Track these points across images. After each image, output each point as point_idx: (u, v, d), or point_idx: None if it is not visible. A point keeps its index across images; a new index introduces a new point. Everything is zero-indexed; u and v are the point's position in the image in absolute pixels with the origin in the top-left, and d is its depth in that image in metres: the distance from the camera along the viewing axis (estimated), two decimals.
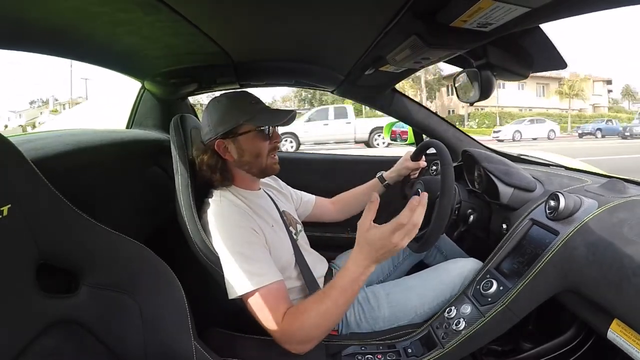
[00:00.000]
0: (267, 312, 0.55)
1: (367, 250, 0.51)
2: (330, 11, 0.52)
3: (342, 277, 0.54)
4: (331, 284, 0.55)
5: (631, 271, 0.44)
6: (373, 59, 0.73)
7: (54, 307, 0.42)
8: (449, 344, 0.59)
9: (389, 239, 0.49)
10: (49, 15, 0.48)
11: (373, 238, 0.50)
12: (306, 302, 0.56)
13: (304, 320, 0.54)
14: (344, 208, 0.94)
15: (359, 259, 0.52)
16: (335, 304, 0.53)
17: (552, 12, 0.42)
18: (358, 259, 0.52)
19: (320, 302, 0.54)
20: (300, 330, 0.54)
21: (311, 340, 0.55)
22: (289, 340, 0.55)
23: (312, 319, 0.53)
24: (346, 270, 0.53)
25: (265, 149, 0.66)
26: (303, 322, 0.54)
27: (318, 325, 0.54)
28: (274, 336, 0.55)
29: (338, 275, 0.55)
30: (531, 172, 0.81)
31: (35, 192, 0.42)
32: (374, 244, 0.50)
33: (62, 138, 0.62)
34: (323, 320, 0.54)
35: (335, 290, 0.53)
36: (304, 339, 0.54)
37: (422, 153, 0.89)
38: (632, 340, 0.44)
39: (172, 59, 0.77)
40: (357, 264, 0.52)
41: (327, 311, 0.53)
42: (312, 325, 0.54)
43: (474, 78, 0.67)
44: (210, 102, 0.67)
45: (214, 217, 0.61)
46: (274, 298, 0.56)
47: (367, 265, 0.52)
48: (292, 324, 0.54)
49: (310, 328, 0.54)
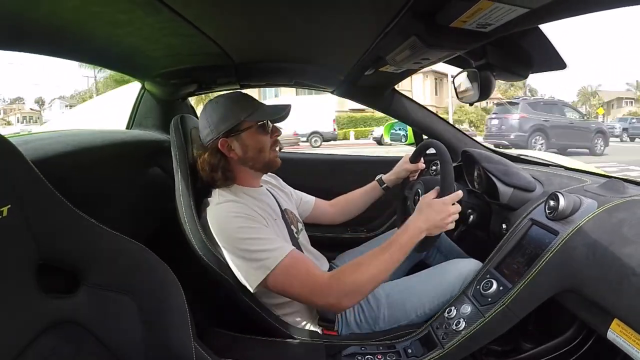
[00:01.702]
0: (303, 275, 0.56)
1: (426, 214, 0.61)
2: (330, 12, 0.52)
3: (401, 234, 0.60)
4: (389, 243, 0.59)
5: (631, 271, 0.44)
6: (373, 59, 0.73)
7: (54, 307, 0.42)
8: (449, 344, 0.59)
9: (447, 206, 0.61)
10: (49, 15, 0.48)
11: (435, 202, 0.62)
12: (363, 257, 0.58)
13: (359, 273, 0.56)
14: (342, 210, 0.94)
15: (419, 220, 0.61)
16: (391, 258, 0.58)
17: (551, 13, 0.42)
18: (418, 220, 0.61)
19: (377, 256, 0.58)
20: (354, 284, 0.56)
21: (363, 293, 0.57)
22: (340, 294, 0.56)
23: (368, 271, 0.56)
24: (406, 229, 0.60)
25: (267, 143, 0.68)
26: (358, 275, 0.56)
27: (374, 278, 0.57)
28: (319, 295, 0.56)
29: (396, 234, 0.60)
30: (531, 172, 0.81)
31: (35, 192, 0.42)
32: (434, 206, 0.61)
33: (62, 138, 0.62)
34: (380, 274, 0.57)
35: (393, 245, 0.59)
36: (358, 290, 0.56)
37: (420, 155, 0.89)
38: (632, 340, 0.44)
39: (172, 59, 0.77)
40: (416, 224, 0.60)
41: (383, 264, 0.57)
42: (370, 277, 0.56)
43: (474, 78, 0.67)
44: (207, 103, 0.68)
45: (213, 216, 0.61)
46: (302, 261, 0.58)
47: (422, 229, 0.60)
48: (347, 277, 0.56)
49: (367, 280, 0.56)
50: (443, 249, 0.93)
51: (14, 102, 30.53)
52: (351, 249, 0.90)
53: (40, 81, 44.01)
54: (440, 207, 0.61)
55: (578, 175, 0.77)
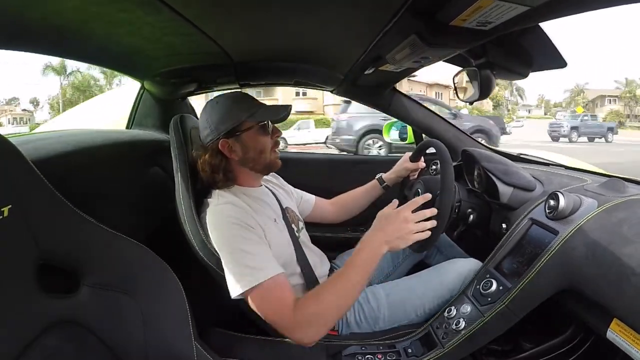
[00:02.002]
0: (275, 303, 0.54)
1: (380, 228, 0.57)
2: (329, 11, 0.52)
3: (356, 254, 0.56)
4: (346, 265, 0.56)
5: (631, 271, 0.44)
6: (373, 58, 0.73)
7: (55, 307, 0.42)
8: (449, 344, 0.59)
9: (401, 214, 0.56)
10: (49, 15, 0.48)
11: (390, 214, 0.57)
12: (319, 287, 0.56)
13: (319, 303, 0.53)
14: (343, 209, 0.94)
15: (373, 235, 0.57)
16: (350, 282, 0.54)
17: (551, 11, 0.42)
18: (372, 235, 0.57)
19: (335, 282, 0.55)
20: (316, 315, 0.53)
21: (325, 324, 0.54)
22: (302, 327, 0.53)
23: (329, 300, 0.53)
24: (360, 250, 0.57)
25: (268, 144, 0.67)
26: (319, 305, 0.53)
27: (335, 307, 0.54)
28: (284, 326, 0.54)
29: (352, 256, 0.57)
30: (531, 172, 0.80)
31: (36, 192, 0.42)
32: (389, 218, 0.57)
33: (62, 138, 0.62)
34: (340, 301, 0.54)
35: (349, 268, 0.55)
36: (319, 322, 0.53)
37: (421, 154, 0.89)
38: (632, 340, 0.44)
39: (172, 59, 0.77)
40: (371, 239, 0.57)
41: (343, 291, 0.54)
42: (329, 307, 0.53)
43: (474, 77, 0.66)
44: (207, 104, 0.68)
45: (212, 217, 0.61)
46: (280, 289, 0.55)
47: (379, 243, 0.56)
48: (307, 309, 0.53)
49: (326, 310, 0.53)
50: (443, 248, 0.93)
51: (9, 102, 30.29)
52: (351, 249, 0.90)
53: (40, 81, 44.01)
54: (395, 217, 0.56)
55: (578, 175, 0.76)
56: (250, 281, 0.54)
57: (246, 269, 0.55)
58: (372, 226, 0.58)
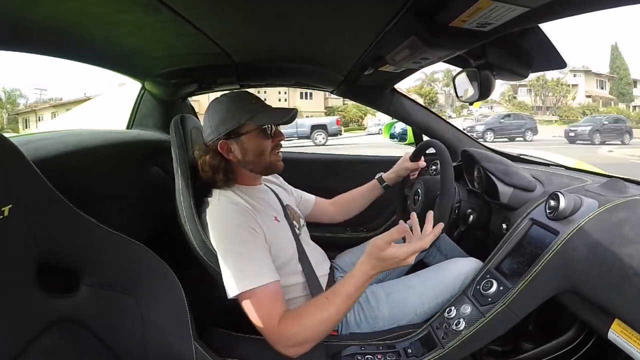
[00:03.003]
0: (262, 312, 0.54)
1: (376, 264, 0.54)
2: (330, 11, 0.52)
3: (346, 284, 0.55)
4: (335, 291, 0.55)
5: (632, 271, 0.44)
6: (372, 59, 0.73)
7: (55, 306, 0.42)
8: (449, 344, 0.59)
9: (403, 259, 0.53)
10: (49, 16, 0.48)
11: (387, 255, 0.53)
12: (307, 307, 0.55)
13: (303, 324, 0.53)
14: (343, 209, 0.94)
15: (367, 269, 0.55)
16: (337, 310, 0.54)
17: (551, 12, 0.42)
18: (365, 269, 0.55)
19: (322, 308, 0.54)
20: (298, 334, 0.53)
21: (307, 343, 0.54)
22: (284, 343, 0.54)
23: (313, 324, 0.53)
24: (351, 278, 0.55)
25: (268, 147, 0.66)
26: (302, 325, 0.53)
27: (317, 331, 0.54)
28: (267, 337, 0.55)
29: (342, 282, 0.56)
30: (531, 172, 0.80)
31: (36, 192, 0.42)
32: (387, 260, 0.54)
33: (62, 138, 0.62)
34: (323, 326, 0.54)
35: (339, 297, 0.55)
36: (300, 341, 0.54)
37: (421, 153, 0.89)
38: (633, 341, 0.44)
39: (172, 59, 0.77)
40: (364, 271, 0.55)
41: (329, 317, 0.54)
42: (311, 330, 0.54)
43: (473, 78, 0.67)
44: (211, 103, 0.68)
45: (212, 216, 0.61)
46: (270, 299, 0.55)
47: (372, 275, 0.55)
48: (290, 326, 0.53)
49: (309, 332, 0.54)
50: (443, 248, 0.92)
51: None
52: (351, 249, 0.90)
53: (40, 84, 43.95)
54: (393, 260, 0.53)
55: (579, 175, 0.76)
56: (245, 285, 0.54)
57: (242, 272, 0.55)
58: (365, 258, 0.55)
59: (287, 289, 0.64)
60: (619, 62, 22.60)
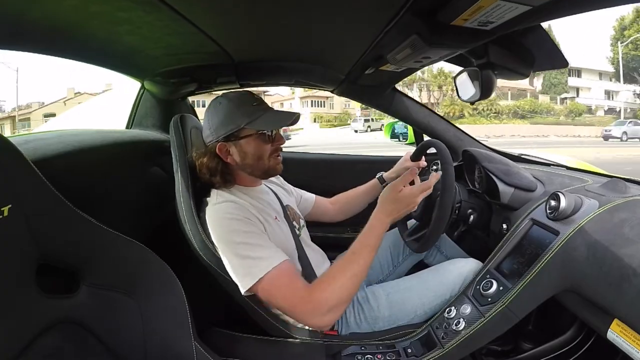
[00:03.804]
0: (286, 291, 0.54)
1: (392, 208, 0.59)
2: (330, 11, 0.52)
3: (367, 236, 0.58)
4: (357, 246, 0.58)
5: (632, 271, 0.44)
6: (373, 58, 0.72)
7: (54, 307, 0.42)
8: (448, 344, 0.59)
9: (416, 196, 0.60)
10: (48, 15, 0.48)
11: (404, 194, 0.60)
12: (332, 270, 0.57)
13: (335, 285, 0.54)
14: (343, 208, 0.94)
15: (383, 216, 0.59)
16: (365, 262, 0.57)
17: (553, 11, 0.41)
18: (381, 216, 0.59)
19: (350, 265, 0.56)
20: (330, 298, 0.54)
21: (342, 304, 0.55)
22: (318, 311, 0.54)
23: (343, 283, 0.55)
24: (370, 229, 0.59)
25: (267, 151, 0.66)
26: (334, 287, 0.54)
27: (348, 288, 0.55)
28: (299, 312, 0.55)
29: (362, 237, 0.59)
30: (532, 172, 0.80)
31: (36, 192, 0.42)
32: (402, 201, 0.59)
33: (62, 138, 0.62)
34: (352, 283, 0.55)
35: (364, 250, 0.57)
36: (334, 305, 0.54)
37: (422, 153, 0.89)
38: (632, 341, 0.44)
39: (172, 58, 0.77)
40: (381, 219, 0.59)
41: (358, 272, 0.56)
42: (343, 289, 0.55)
43: (475, 77, 0.66)
44: (211, 103, 0.67)
45: (212, 216, 0.61)
46: (288, 276, 0.56)
47: (387, 222, 0.59)
48: (321, 292, 0.54)
49: (341, 292, 0.54)
50: (443, 249, 0.93)
51: None
52: None
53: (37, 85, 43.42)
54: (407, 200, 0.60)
55: (579, 175, 0.76)
56: (256, 273, 0.54)
57: (250, 261, 0.55)
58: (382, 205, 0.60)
59: None
60: None
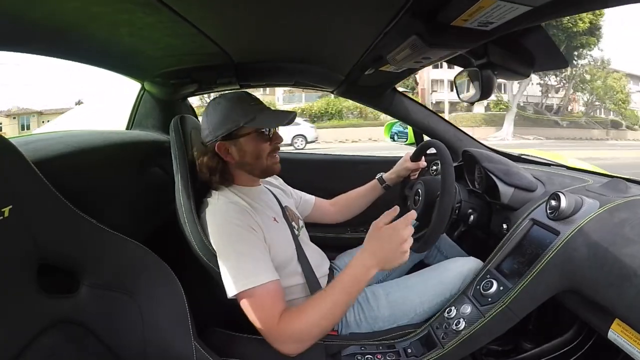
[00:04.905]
0: (263, 311, 0.54)
1: (374, 247, 0.54)
2: (330, 11, 0.52)
3: (344, 275, 0.55)
4: (332, 284, 0.55)
5: (632, 271, 0.44)
6: (373, 59, 0.72)
7: (55, 307, 0.42)
8: (448, 344, 0.59)
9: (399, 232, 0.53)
10: (48, 16, 0.48)
11: (384, 234, 0.54)
12: (306, 303, 0.55)
13: (304, 319, 0.53)
14: (343, 209, 0.94)
15: (364, 257, 0.55)
16: (336, 303, 0.54)
17: (553, 11, 0.41)
18: (363, 257, 0.55)
19: (321, 301, 0.54)
20: (299, 330, 0.54)
21: (309, 340, 0.55)
22: (285, 340, 0.54)
23: (313, 318, 0.53)
24: (349, 269, 0.55)
25: (265, 150, 0.66)
26: (303, 321, 0.53)
27: (318, 325, 0.54)
28: (267, 336, 0.55)
29: (340, 274, 0.56)
30: (532, 172, 0.80)
31: (36, 193, 0.42)
32: (383, 238, 0.54)
33: (62, 139, 0.62)
34: (323, 320, 0.54)
35: (336, 289, 0.54)
36: (302, 338, 0.54)
37: (421, 154, 0.89)
38: (633, 341, 0.44)
39: (172, 59, 0.77)
40: (362, 262, 0.55)
41: (328, 310, 0.54)
42: (312, 325, 0.54)
43: (475, 77, 0.66)
44: (209, 103, 0.67)
45: (211, 216, 0.61)
46: (271, 297, 0.55)
47: (370, 265, 0.54)
48: (291, 323, 0.53)
49: (310, 327, 0.54)
50: (443, 248, 0.93)
51: None
52: (351, 249, 0.90)
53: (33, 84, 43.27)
54: (390, 238, 0.52)
55: (580, 175, 0.76)
56: (244, 284, 0.54)
57: (241, 271, 0.55)
58: (366, 245, 0.55)
59: (286, 290, 0.64)
60: None
